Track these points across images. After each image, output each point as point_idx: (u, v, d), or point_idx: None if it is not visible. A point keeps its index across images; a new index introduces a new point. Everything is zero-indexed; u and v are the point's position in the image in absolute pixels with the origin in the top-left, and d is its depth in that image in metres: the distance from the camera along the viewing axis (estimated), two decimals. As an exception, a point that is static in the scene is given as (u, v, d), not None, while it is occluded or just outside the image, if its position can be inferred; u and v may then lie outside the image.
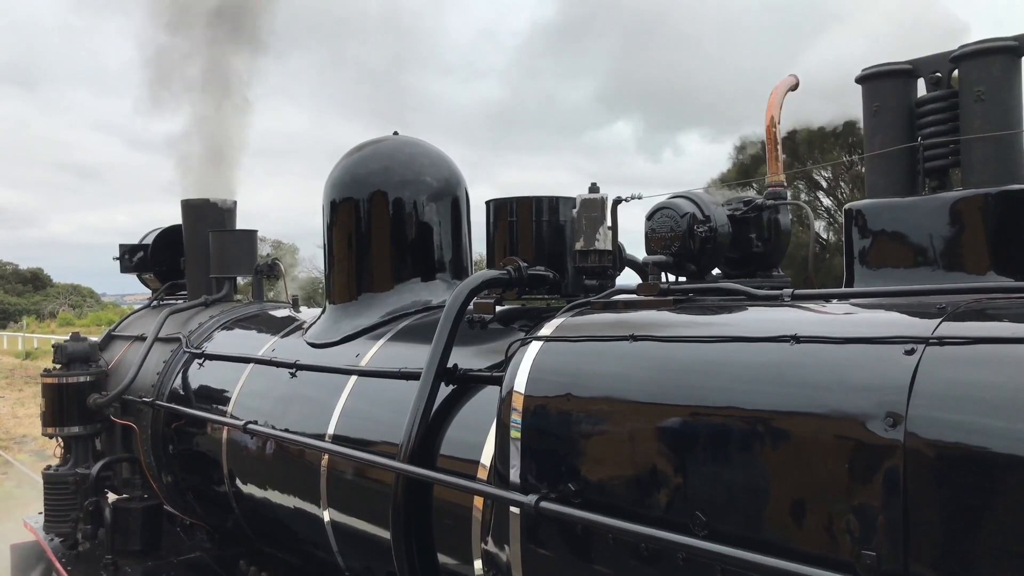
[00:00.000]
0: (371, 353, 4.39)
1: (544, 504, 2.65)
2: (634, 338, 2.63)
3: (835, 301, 2.49)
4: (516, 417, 2.89)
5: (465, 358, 3.67)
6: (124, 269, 8.20)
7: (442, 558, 3.54)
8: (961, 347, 1.89)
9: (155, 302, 7.97)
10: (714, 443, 2.26)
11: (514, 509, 2.83)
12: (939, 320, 1.98)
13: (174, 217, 7.93)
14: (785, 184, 3.26)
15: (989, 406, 1.77)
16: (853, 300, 2.47)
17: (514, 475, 2.87)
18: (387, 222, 4.80)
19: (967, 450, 1.77)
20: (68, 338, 7.14)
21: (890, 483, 1.87)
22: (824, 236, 26.74)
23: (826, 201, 28.23)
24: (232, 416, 5.17)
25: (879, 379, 1.95)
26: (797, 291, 2.57)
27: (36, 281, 77.21)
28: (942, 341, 1.91)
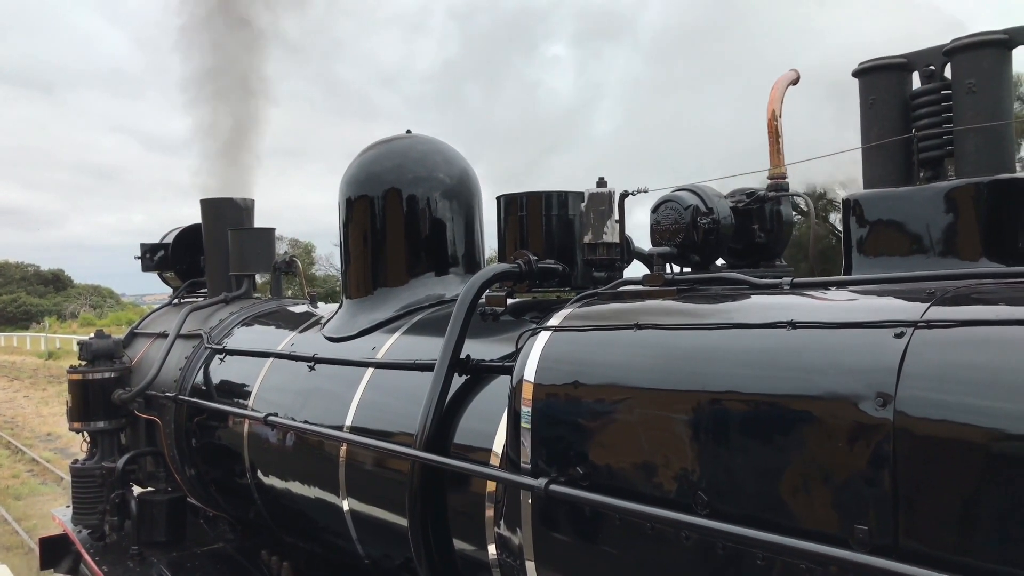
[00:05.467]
0: (387, 346, 4.51)
1: (553, 487, 2.75)
2: (639, 326, 2.72)
3: (833, 288, 2.57)
4: (526, 405, 2.98)
5: (478, 349, 3.77)
6: (146, 268, 8.36)
7: (457, 543, 3.64)
8: (948, 330, 1.97)
9: (176, 300, 8.12)
10: (715, 426, 2.35)
11: (525, 493, 2.94)
12: (928, 304, 2.06)
13: (190, 217, 8.08)
14: (786, 176, 3.34)
15: (974, 385, 1.84)
16: (850, 287, 2.55)
17: (525, 461, 2.97)
18: (401, 218, 4.91)
19: (953, 428, 1.85)
20: (93, 335, 7.32)
21: (880, 460, 1.95)
22: (840, 228, 26.58)
23: (842, 193, 28.08)
24: (253, 410, 5.30)
25: (870, 361, 2.03)
26: (796, 279, 2.65)
27: (57, 282, 78.19)
28: (930, 324, 1.99)
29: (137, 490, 7.08)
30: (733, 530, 2.22)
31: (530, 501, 2.92)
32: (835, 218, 26.65)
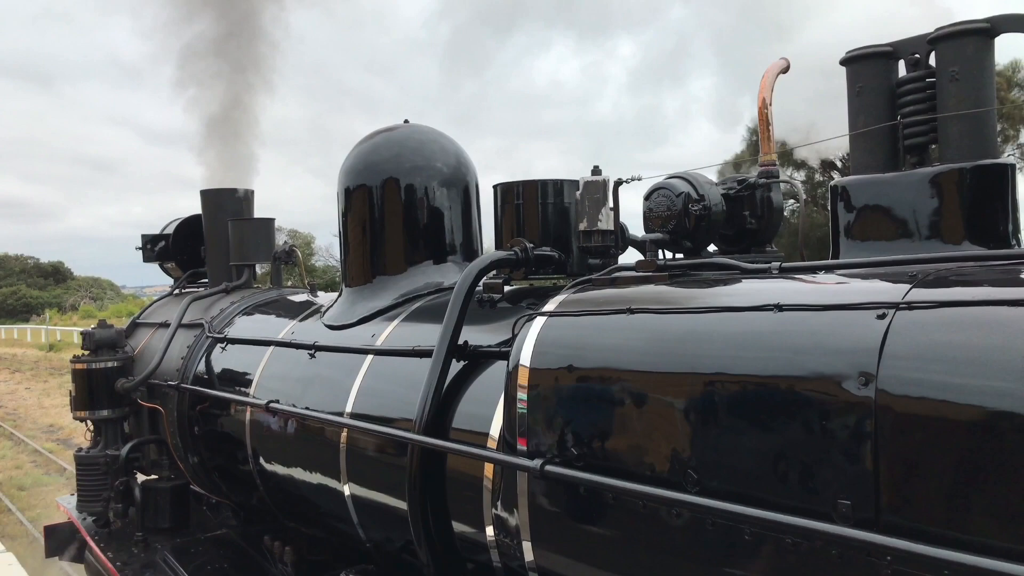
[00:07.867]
0: (386, 333, 4.57)
1: (549, 468, 2.82)
2: (631, 311, 2.78)
3: (820, 272, 2.63)
4: (522, 389, 3.05)
5: (475, 335, 3.83)
6: (147, 259, 8.41)
7: (456, 526, 3.71)
8: (928, 311, 2.03)
9: (177, 290, 8.18)
10: (704, 406, 2.41)
11: (522, 475, 3.00)
12: (909, 286, 2.12)
13: (188, 208, 8.11)
14: (777, 163, 3.39)
15: (953, 364, 1.90)
16: (836, 271, 2.61)
17: (521, 444, 3.04)
18: (399, 207, 4.96)
19: (932, 405, 1.91)
20: (95, 325, 7.38)
21: (862, 437, 2.01)
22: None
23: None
24: (254, 397, 5.36)
25: (853, 342, 2.09)
26: (784, 264, 2.71)
27: (57, 274, 78.15)
28: (911, 306, 2.05)
29: (141, 478, 7.16)
30: (722, 507, 2.29)
31: (526, 482, 2.99)
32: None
